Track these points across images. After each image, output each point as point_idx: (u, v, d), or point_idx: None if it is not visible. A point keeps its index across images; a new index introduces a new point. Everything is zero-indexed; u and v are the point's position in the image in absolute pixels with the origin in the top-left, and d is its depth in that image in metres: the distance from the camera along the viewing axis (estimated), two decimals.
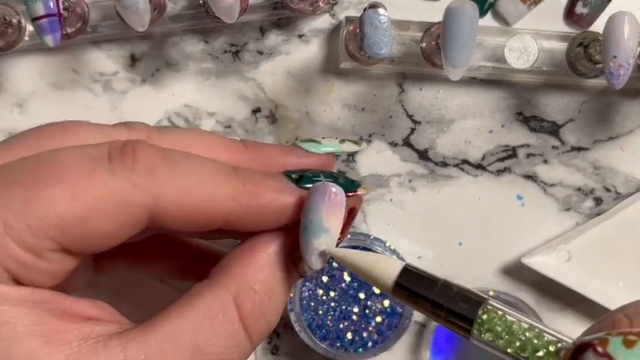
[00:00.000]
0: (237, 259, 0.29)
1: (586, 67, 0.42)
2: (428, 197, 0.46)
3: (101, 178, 0.26)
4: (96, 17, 0.43)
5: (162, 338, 0.26)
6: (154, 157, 0.27)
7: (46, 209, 0.25)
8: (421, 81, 0.45)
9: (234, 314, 0.28)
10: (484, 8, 0.45)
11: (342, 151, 0.34)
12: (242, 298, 0.28)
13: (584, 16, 0.44)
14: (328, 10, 0.45)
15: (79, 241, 0.26)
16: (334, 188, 0.28)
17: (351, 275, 0.45)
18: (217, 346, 0.27)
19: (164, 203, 0.27)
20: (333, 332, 0.45)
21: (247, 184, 0.28)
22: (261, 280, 0.28)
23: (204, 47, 0.45)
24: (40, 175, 0.26)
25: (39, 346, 0.25)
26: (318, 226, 0.28)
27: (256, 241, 0.29)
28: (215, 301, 0.28)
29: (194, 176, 0.28)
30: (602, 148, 0.46)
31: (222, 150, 0.31)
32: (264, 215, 0.29)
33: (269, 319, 0.29)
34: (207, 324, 0.27)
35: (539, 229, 0.46)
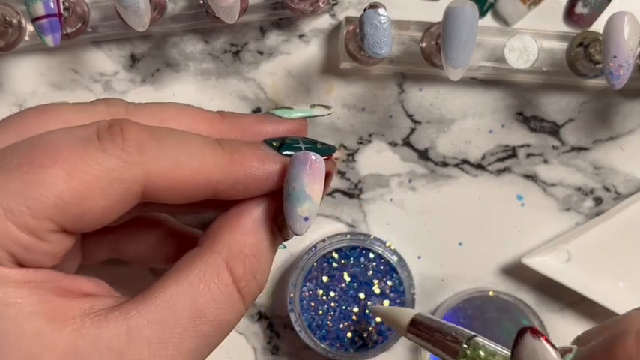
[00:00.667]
0: (225, 226, 0.31)
1: (586, 67, 0.42)
2: (428, 197, 0.46)
3: (94, 157, 0.27)
4: (96, 17, 0.43)
5: (161, 305, 0.28)
6: (142, 134, 0.28)
7: (45, 191, 0.26)
8: (421, 81, 0.45)
9: (228, 277, 0.29)
10: (484, 8, 0.45)
11: (313, 114, 0.36)
12: (233, 261, 0.30)
13: (584, 16, 0.44)
14: (328, 10, 0.45)
15: (77, 220, 0.27)
16: (314, 157, 0.30)
17: (351, 275, 0.45)
18: (215, 308, 0.29)
19: (156, 178, 0.28)
20: (333, 332, 0.45)
21: (234, 155, 0.30)
22: (249, 243, 0.30)
23: (204, 47, 0.45)
24: (35, 159, 0.27)
25: (45, 323, 0.26)
26: (301, 194, 0.30)
27: (242, 208, 0.31)
28: (208, 266, 0.29)
29: (182, 150, 0.29)
30: (602, 148, 0.46)
31: (200, 121, 0.33)
32: (251, 183, 0.30)
33: (259, 279, 0.31)
34: (204, 288, 0.29)
35: (539, 229, 0.46)
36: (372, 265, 0.45)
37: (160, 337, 0.27)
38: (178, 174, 0.29)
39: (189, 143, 0.29)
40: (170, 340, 0.28)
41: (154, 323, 0.27)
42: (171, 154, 0.29)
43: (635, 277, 0.45)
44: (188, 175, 0.29)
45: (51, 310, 0.27)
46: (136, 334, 0.27)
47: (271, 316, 0.47)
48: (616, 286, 0.45)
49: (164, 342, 0.27)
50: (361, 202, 0.46)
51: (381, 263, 0.45)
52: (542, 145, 0.46)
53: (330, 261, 0.45)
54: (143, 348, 0.27)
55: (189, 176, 0.29)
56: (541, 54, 0.42)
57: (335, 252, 0.45)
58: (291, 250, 0.46)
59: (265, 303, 0.47)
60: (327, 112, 0.37)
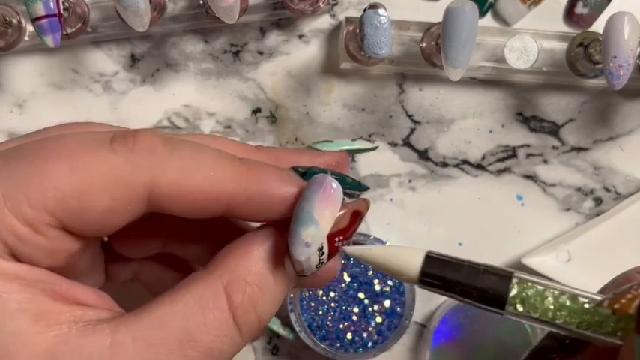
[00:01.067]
0: (232, 251, 0.29)
1: (586, 68, 0.42)
2: (428, 197, 0.46)
3: (100, 154, 0.26)
4: (96, 17, 0.43)
5: (151, 323, 0.27)
6: (156, 140, 0.27)
7: (45, 181, 0.26)
8: (421, 81, 0.45)
9: (224, 303, 0.27)
10: (484, 8, 0.45)
11: (355, 148, 0.34)
12: (233, 287, 0.28)
13: (584, 16, 0.45)
14: (328, 10, 0.45)
15: (77, 217, 0.27)
16: (333, 183, 0.27)
17: (351, 275, 0.45)
18: (206, 334, 0.27)
19: (163, 183, 0.27)
20: (333, 332, 0.45)
21: (252, 169, 0.28)
22: (254, 272, 0.28)
23: (204, 47, 0.45)
24: (42, 151, 0.26)
25: (28, 324, 0.25)
26: (308, 217, 0.27)
27: (254, 235, 0.29)
28: (206, 289, 0.27)
29: (195, 159, 0.28)
30: (602, 148, 0.46)
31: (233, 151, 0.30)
32: (267, 202, 0.28)
33: (260, 312, 0.28)
34: (197, 311, 0.27)
35: (539, 229, 0.46)
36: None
37: (144, 356, 0.26)
38: (187, 181, 0.27)
39: (204, 153, 0.28)
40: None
41: (139, 340, 0.26)
42: (182, 161, 0.27)
43: None
44: (198, 183, 0.27)
45: (38, 311, 0.26)
46: (120, 349, 0.26)
47: None
48: None
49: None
50: None
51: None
52: (542, 145, 0.46)
53: None
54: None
55: (198, 185, 0.27)
56: (541, 54, 0.42)
57: None
58: None
59: None
60: (370, 146, 0.34)
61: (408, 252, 0.27)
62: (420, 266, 0.27)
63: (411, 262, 0.27)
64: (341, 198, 0.28)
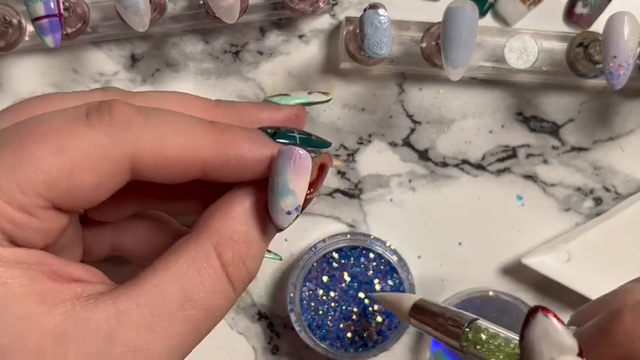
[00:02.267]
0: (216, 213, 0.31)
1: (586, 68, 0.42)
2: (428, 197, 0.46)
3: (82, 133, 0.27)
4: (96, 17, 0.43)
5: (150, 290, 0.28)
6: (129, 110, 0.28)
7: (33, 166, 0.26)
8: (421, 81, 0.45)
9: (216, 262, 0.29)
10: (484, 8, 0.45)
11: (310, 101, 0.36)
12: (222, 247, 0.30)
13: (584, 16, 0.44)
14: (328, 10, 0.45)
15: (67, 196, 0.27)
16: (301, 151, 0.30)
17: (351, 275, 0.45)
18: (204, 293, 0.29)
19: (143, 153, 0.28)
20: (333, 332, 0.45)
21: (225, 133, 0.30)
22: (239, 230, 0.30)
23: (204, 47, 0.45)
24: (23, 136, 0.27)
25: (35, 305, 0.26)
26: (285, 189, 0.30)
27: (234, 195, 0.31)
28: (198, 251, 0.29)
29: (170, 126, 0.29)
30: (602, 148, 0.46)
31: (195, 108, 0.32)
32: (241, 165, 0.30)
33: (249, 266, 0.30)
34: (193, 273, 0.29)
35: (539, 229, 0.46)
36: (372, 265, 0.45)
37: (149, 321, 0.27)
38: (165, 149, 0.29)
39: (178, 120, 0.29)
40: (159, 324, 0.28)
41: (142, 307, 0.27)
42: (158, 129, 0.29)
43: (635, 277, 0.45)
44: (175, 150, 0.29)
45: (41, 292, 0.27)
46: (125, 317, 0.27)
47: (271, 316, 0.47)
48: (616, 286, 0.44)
49: (153, 326, 0.28)
50: (361, 202, 0.46)
51: (381, 263, 0.45)
52: (542, 145, 0.46)
53: (330, 261, 0.45)
54: (131, 331, 0.27)
55: (176, 152, 0.29)
56: (541, 54, 0.42)
57: (335, 252, 0.45)
58: (292, 250, 0.46)
59: (265, 303, 0.47)
60: (325, 98, 0.36)
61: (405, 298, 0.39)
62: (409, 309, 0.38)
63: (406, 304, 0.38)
64: (310, 164, 0.30)
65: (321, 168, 0.32)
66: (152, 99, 0.32)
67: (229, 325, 0.47)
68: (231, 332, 0.47)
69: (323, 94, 0.36)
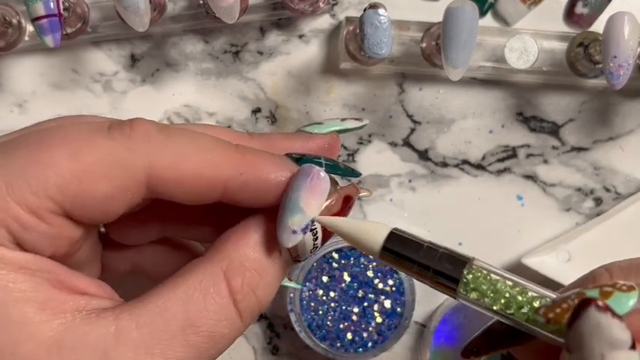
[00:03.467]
0: (230, 238, 0.30)
1: (586, 68, 0.42)
2: (428, 197, 0.46)
3: (98, 142, 0.27)
4: (96, 17, 0.43)
5: (153, 310, 0.27)
6: (151, 126, 0.28)
7: (46, 168, 0.26)
8: (421, 81, 0.45)
9: (224, 288, 0.28)
10: (484, 8, 0.45)
11: (345, 128, 0.34)
12: (232, 273, 0.29)
13: (584, 16, 0.44)
14: (328, 10, 0.45)
15: (78, 203, 0.27)
16: (321, 173, 0.28)
17: (351, 275, 0.45)
18: (208, 319, 0.28)
19: (160, 168, 0.28)
20: (333, 332, 0.45)
21: (247, 155, 0.29)
22: (252, 257, 0.29)
23: (204, 47, 0.45)
24: (42, 141, 0.27)
25: (34, 312, 0.26)
26: (295, 205, 0.28)
27: (251, 221, 0.30)
28: (206, 275, 0.28)
29: (191, 143, 0.28)
30: (602, 148, 0.46)
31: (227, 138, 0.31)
32: (262, 187, 0.29)
33: (259, 296, 0.29)
34: (198, 297, 0.28)
35: (539, 229, 0.46)
36: (372, 265, 0.45)
37: (148, 342, 0.27)
38: (183, 164, 0.28)
39: (200, 139, 0.29)
40: (157, 347, 0.27)
41: (143, 327, 0.27)
42: (178, 146, 0.28)
43: None
44: (193, 166, 0.28)
45: (43, 300, 0.26)
46: (124, 336, 0.27)
47: (271, 316, 0.47)
48: None
49: (151, 348, 0.27)
50: (361, 202, 0.46)
51: (381, 263, 0.45)
52: (542, 145, 0.46)
53: (330, 261, 0.45)
54: (129, 351, 0.26)
55: (194, 168, 0.28)
56: (541, 54, 0.42)
57: (335, 252, 0.45)
58: None
59: None
60: (359, 124, 0.34)
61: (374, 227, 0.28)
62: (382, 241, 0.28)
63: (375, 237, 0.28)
64: (328, 186, 0.29)
65: (346, 200, 0.30)
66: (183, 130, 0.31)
67: None
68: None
69: (357, 120, 0.34)
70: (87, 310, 0.27)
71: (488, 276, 0.27)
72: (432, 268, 0.27)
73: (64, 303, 0.27)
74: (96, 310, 0.27)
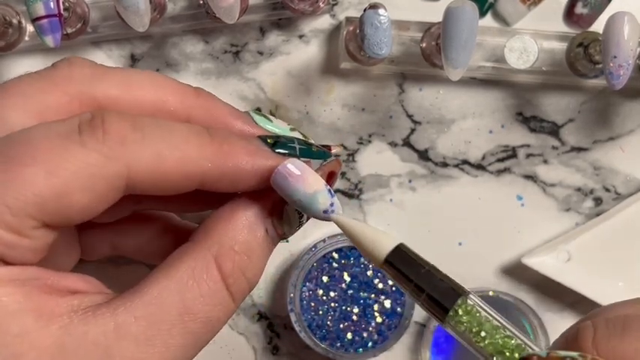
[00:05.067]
0: (217, 222, 0.30)
1: (586, 68, 0.42)
2: (428, 197, 0.46)
3: (73, 153, 0.27)
4: (96, 17, 0.43)
5: (149, 301, 0.27)
6: (124, 126, 0.28)
7: (24, 189, 0.26)
8: (421, 81, 0.45)
9: (216, 274, 0.29)
10: (484, 8, 0.45)
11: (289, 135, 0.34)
12: (223, 258, 0.29)
13: (584, 16, 0.44)
14: (328, 10, 0.45)
15: (59, 216, 0.27)
16: (288, 165, 0.29)
17: (351, 275, 0.45)
18: (203, 305, 0.28)
19: (138, 171, 0.28)
20: (333, 332, 0.45)
21: (223, 145, 0.29)
22: (240, 240, 0.30)
23: (204, 47, 0.45)
24: (13, 156, 0.26)
25: (31, 321, 0.26)
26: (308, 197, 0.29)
27: (236, 204, 0.30)
28: (198, 262, 0.29)
29: (166, 140, 0.28)
30: (602, 148, 0.46)
31: (170, 92, 0.31)
32: (240, 177, 0.30)
33: (249, 277, 0.30)
34: (192, 285, 0.28)
35: (539, 229, 0.46)
36: (372, 265, 0.45)
37: (148, 334, 0.27)
38: (161, 165, 0.28)
39: (174, 132, 0.29)
40: (158, 337, 0.27)
41: (141, 320, 0.27)
42: (154, 145, 0.28)
43: (635, 277, 0.45)
44: (172, 166, 0.28)
45: (37, 308, 0.26)
46: (123, 330, 0.27)
47: (271, 316, 0.47)
48: (616, 286, 0.45)
49: (151, 339, 0.27)
50: (361, 202, 0.46)
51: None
52: (542, 145, 0.46)
53: (330, 261, 0.45)
54: (130, 344, 0.27)
55: (172, 167, 0.28)
56: (541, 54, 0.42)
57: (335, 252, 0.45)
58: (292, 250, 0.46)
59: (265, 303, 0.47)
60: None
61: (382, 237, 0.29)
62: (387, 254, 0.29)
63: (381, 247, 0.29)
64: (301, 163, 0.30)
65: (330, 175, 0.32)
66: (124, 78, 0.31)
67: (229, 325, 0.47)
68: (231, 332, 0.47)
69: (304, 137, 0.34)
70: (82, 309, 0.27)
71: (478, 313, 0.28)
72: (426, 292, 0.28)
73: (58, 306, 0.27)
74: (91, 308, 0.27)
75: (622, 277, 0.45)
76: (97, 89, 0.30)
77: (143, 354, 0.27)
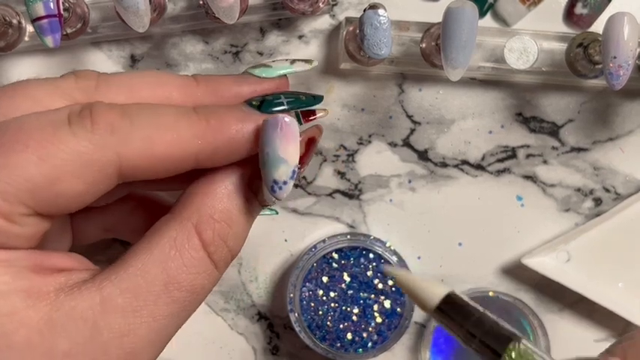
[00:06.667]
0: (197, 192, 0.30)
1: (586, 68, 0.42)
2: (428, 197, 0.46)
3: (64, 140, 0.27)
4: (96, 18, 0.43)
5: (134, 273, 0.28)
6: (112, 114, 0.28)
7: (16, 175, 0.26)
8: (421, 81, 0.45)
9: (197, 242, 0.29)
10: (484, 9, 0.45)
11: (294, 71, 0.34)
12: (203, 226, 0.29)
13: (584, 16, 0.45)
14: (328, 10, 0.45)
15: (50, 203, 0.27)
16: (286, 119, 0.29)
17: (351, 276, 0.45)
18: (187, 274, 0.29)
19: (130, 157, 0.28)
20: (333, 333, 0.45)
21: (211, 120, 0.29)
22: (220, 209, 0.30)
23: (204, 48, 0.45)
24: (5, 143, 0.27)
25: (20, 300, 0.26)
26: (275, 158, 0.29)
27: (214, 174, 0.31)
28: (179, 232, 0.29)
29: (154, 125, 0.28)
30: (602, 148, 0.46)
31: (174, 88, 0.32)
32: (233, 147, 0.30)
33: (230, 245, 0.30)
34: (175, 254, 0.29)
35: (539, 229, 0.46)
36: (372, 265, 0.45)
37: (134, 306, 0.28)
38: (152, 150, 0.28)
39: (161, 116, 0.29)
40: (144, 308, 0.28)
41: (126, 292, 0.28)
42: (143, 131, 0.28)
43: (635, 277, 0.45)
44: (163, 149, 0.28)
45: (26, 288, 0.27)
46: (110, 303, 0.27)
47: (271, 316, 0.47)
48: (616, 286, 0.45)
49: (138, 310, 0.28)
50: (361, 203, 0.46)
51: (381, 264, 0.45)
52: (542, 145, 0.46)
53: (330, 261, 0.45)
54: (117, 317, 0.27)
55: (164, 151, 0.28)
56: (541, 54, 0.42)
57: (335, 252, 0.45)
58: (291, 251, 0.46)
59: (265, 303, 0.47)
60: (308, 66, 0.35)
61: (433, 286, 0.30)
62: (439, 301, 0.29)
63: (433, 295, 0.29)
64: (297, 129, 0.29)
65: (309, 142, 0.32)
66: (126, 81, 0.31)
67: (229, 325, 0.47)
68: (231, 333, 0.47)
69: (306, 63, 0.35)
70: (68, 286, 0.27)
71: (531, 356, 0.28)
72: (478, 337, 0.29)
73: (46, 285, 0.27)
74: (77, 284, 0.28)
75: (622, 277, 0.45)
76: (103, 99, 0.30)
77: (131, 325, 0.27)
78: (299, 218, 0.46)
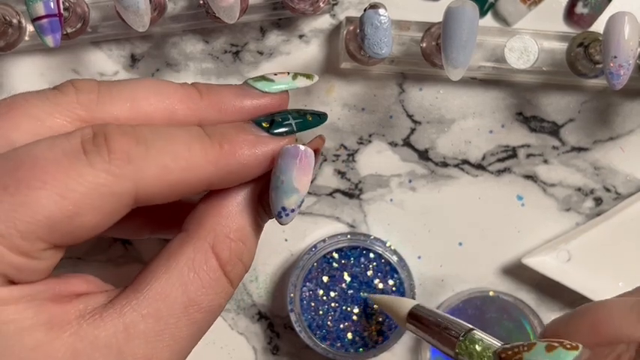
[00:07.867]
0: (209, 210, 0.31)
1: (586, 67, 0.42)
2: (428, 197, 0.46)
3: (82, 174, 0.27)
4: (96, 17, 0.43)
5: (154, 297, 0.28)
6: (127, 141, 0.28)
7: (35, 213, 0.26)
8: (421, 81, 0.45)
9: (215, 263, 0.30)
10: (484, 8, 0.45)
11: (296, 86, 0.34)
12: (219, 247, 0.30)
13: (585, 16, 0.45)
14: (328, 10, 0.45)
15: (68, 236, 0.27)
16: (307, 151, 0.30)
17: (351, 275, 0.45)
18: (206, 295, 0.29)
19: (146, 185, 0.28)
20: (334, 332, 0.45)
21: (224, 145, 0.30)
22: (234, 228, 0.30)
23: (204, 47, 0.45)
24: (21, 178, 0.26)
25: (44, 334, 0.26)
26: (289, 188, 0.30)
27: (226, 191, 0.31)
28: (196, 253, 0.29)
29: (169, 152, 0.28)
30: (602, 148, 0.46)
31: (176, 100, 0.31)
32: (245, 170, 0.30)
33: (245, 262, 0.31)
34: (194, 276, 0.29)
35: (539, 229, 0.46)
36: (373, 265, 0.45)
37: (156, 330, 0.28)
38: (167, 177, 0.28)
39: (176, 142, 0.29)
40: (166, 332, 0.28)
41: (148, 317, 0.28)
42: (159, 159, 0.28)
43: (635, 277, 0.45)
44: (177, 176, 0.29)
45: (48, 320, 0.27)
46: (133, 329, 0.27)
47: (271, 316, 0.47)
48: (616, 286, 0.45)
49: (160, 334, 0.28)
50: (361, 202, 0.46)
51: (382, 263, 0.45)
52: (542, 145, 0.46)
53: (330, 261, 0.45)
54: (140, 342, 0.27)
55: (178, 177, 0.29)
56: (541, 54, 0.42)
57: (335, 252, 0.45)
58: (292, 250, 0.46)
59: (265, 303, 0.47)
60: (310, 82, 0.35)
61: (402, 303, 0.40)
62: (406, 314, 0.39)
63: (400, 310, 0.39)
64: (313, 161, 0.30)
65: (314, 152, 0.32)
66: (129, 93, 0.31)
67: (229, 325, 0.47)
68: (231, 332, 0.47)
69: (307, 78, 0.35)
70: (89, 313, 0.27)
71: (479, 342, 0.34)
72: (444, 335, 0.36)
73: (66, 314, 0.27)
74: (97, 310, 0.28)
75: (622, 277, 0.45)
76: (106, 113, 0.30)
77: (153, 350, 0.28)
78: (299, 218, 0.46)
